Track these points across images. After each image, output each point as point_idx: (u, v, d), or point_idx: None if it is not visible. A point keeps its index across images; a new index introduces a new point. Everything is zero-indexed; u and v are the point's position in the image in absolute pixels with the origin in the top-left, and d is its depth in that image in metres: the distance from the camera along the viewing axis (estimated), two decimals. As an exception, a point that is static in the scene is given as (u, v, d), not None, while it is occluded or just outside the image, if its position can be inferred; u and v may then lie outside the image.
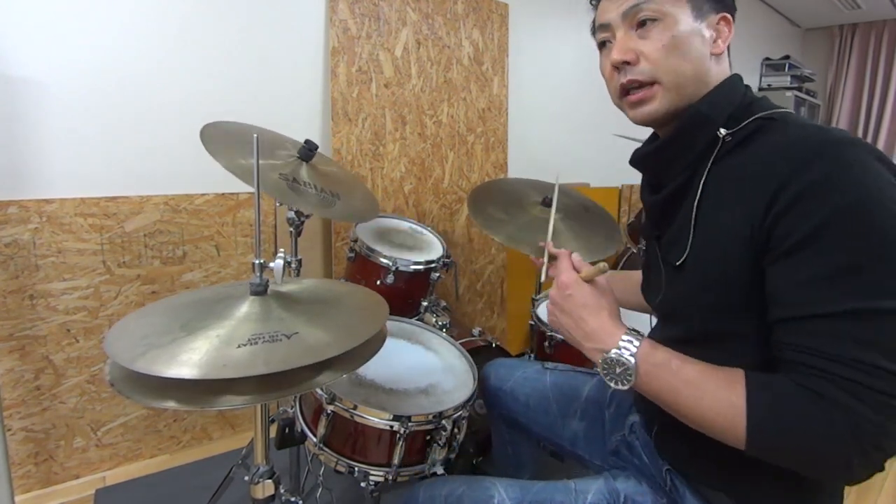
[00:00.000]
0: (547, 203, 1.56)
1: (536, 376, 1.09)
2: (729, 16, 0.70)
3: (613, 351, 0.64)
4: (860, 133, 4.22)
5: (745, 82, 0.72)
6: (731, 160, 0.66)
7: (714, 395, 0.58)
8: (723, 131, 0.67)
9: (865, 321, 0.52)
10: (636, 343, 0.64)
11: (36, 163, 1.36)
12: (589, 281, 0.73)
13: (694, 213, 0.68)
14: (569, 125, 2.60)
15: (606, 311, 0.69)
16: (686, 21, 0.67)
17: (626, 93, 0.71)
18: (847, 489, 0.72)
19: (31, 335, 1.39)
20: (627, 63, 0.69)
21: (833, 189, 0.53)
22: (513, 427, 1.12)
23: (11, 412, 1.39)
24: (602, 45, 0.75)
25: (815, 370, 0.53)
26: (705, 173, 0.68)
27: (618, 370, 0.63)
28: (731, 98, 0.68)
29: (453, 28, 2.03)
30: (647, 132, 0.81)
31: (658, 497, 0.78)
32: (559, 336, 1.50)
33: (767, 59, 3.93)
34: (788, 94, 3.72)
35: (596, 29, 0.75)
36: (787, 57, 3.90)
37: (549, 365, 1.12)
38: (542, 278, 1.02)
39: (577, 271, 0.75)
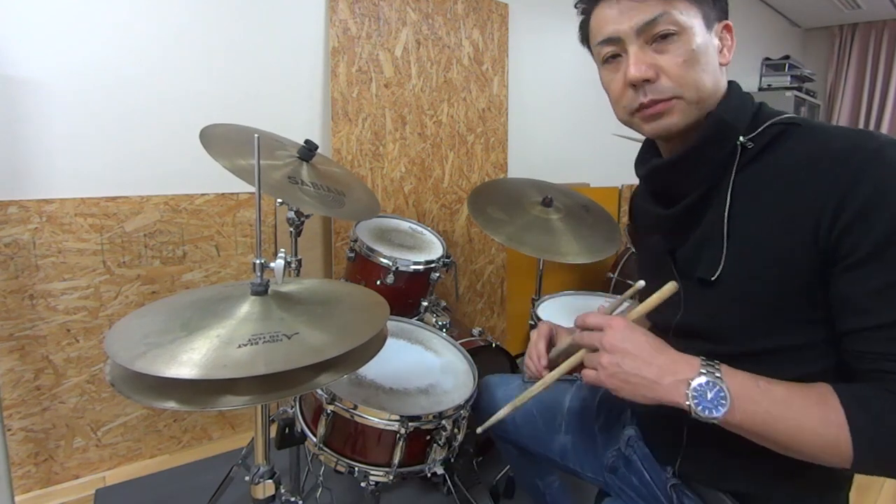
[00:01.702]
0: (547, 203, 1.56)
1: (518, 393, 1.04)
2: (731, 24, 0.69)
3: (700, 377, 0.58)
4: (860, 133, 4.21)
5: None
6: (756, 167, 0.64)
7: (810, 415, 0.55)
8: (742, 139, 0.65)
9: None
10: (716, 365, 0.59)
11: (36, 163, 1.36)
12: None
13: (725, 225, 0.65)
14: (569, 125, 2.60)
15: (667, 346, 0.64)
16: (701, 33, 0.64)
17: (640, 108, 0.67)
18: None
19: (31, 335, 1.39)
20: (647, 81, 0.64)
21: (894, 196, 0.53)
22: (520, 450, 1.07)
23: (11, 412, 1.39)
24: (608, 59, 0.69)
25: None
26: (731, 183, 0.65)
27: (710, 395, 0.57)
28: (745, 105, 0.67)
29: (453, 28, 2.03)
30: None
31: None
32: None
33: (767, 59, 3.92)
34: (788, 94, 3.71)
35: (600, 41, 0.68)
36: (787, 57, 3.89)
37: (528, 379, 1.06)
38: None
39: None
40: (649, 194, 0.78)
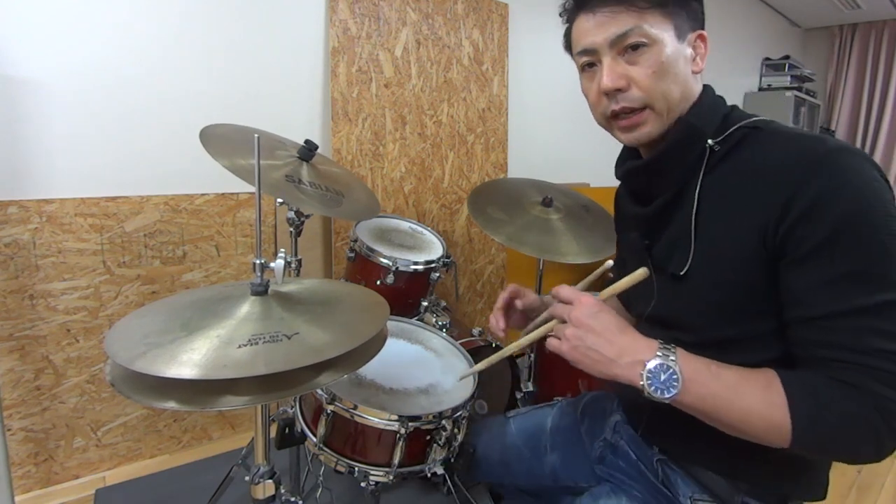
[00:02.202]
0: (547, 203, 1.56)
1: (500, 430, 1.05)
2: (705, 33, 0.72)
3: (656, 359, 0.62)
4: (860, 133, 4.22)
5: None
6: (722, 169, 0.68)
7: (755, 397, 0.59)
8: (710, 142, 0.68)
9: (885, 313, 0.56)
10: (673, 349, 0.63)
11: (36, 163, 1.36)
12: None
13: (693, 223, 0.69)
14: (569, 125, 2.59)
15: (630, 327, 0.68)
16: (672, 44, 0.68)
17: (616, 117, 0.72)
18: (848, 488, 0.73)
19: (31, 335, 1.39)
20: (619, 90, 0.69)
21: (840, 197, 0.57)
22: (521, 492, 1.06)
23: (11, 412, 1.39)
24: (585, 68, 0.74)
25: (845, 363, 0.56)
26: (699, 184, 0.69)
27: (663, 377, 0.61)
28: (715, 109, 0.71)
29: (453, 28, 2.03)
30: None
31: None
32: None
33: (767, 59, 3.92)
34: (788, 94, 3.71)
35: (578, 51, 0.74)
36: (787, 57, 3.90)
37: (511, 413, 1.09)
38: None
39: None
40: (628, 193, 0.83)
